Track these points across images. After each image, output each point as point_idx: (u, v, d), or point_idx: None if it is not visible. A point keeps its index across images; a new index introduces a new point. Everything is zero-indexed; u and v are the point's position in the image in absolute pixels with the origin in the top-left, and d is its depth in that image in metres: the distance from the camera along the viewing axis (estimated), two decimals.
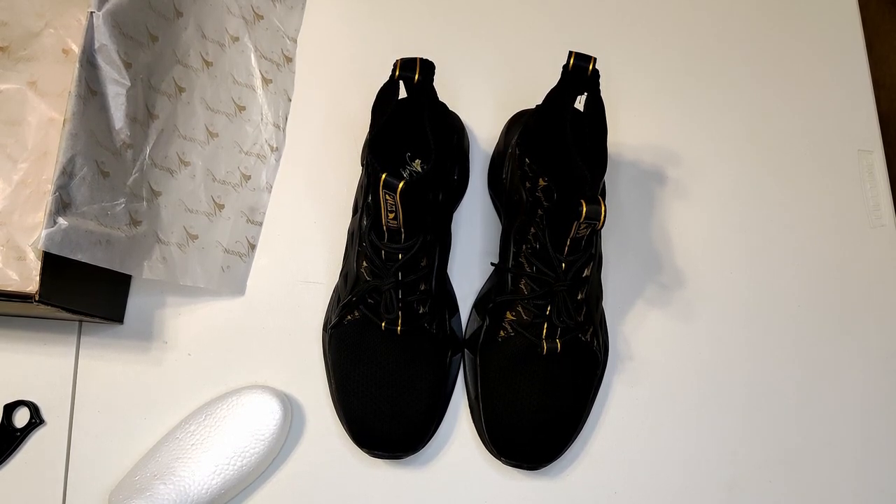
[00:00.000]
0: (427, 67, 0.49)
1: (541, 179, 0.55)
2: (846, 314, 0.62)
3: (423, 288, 0.53)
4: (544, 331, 0.52)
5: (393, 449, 0.53)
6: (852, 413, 0.59)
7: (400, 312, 0.52)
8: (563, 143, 0.49)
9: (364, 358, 0.53)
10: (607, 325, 0.59)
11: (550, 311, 0.52)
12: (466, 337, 0.58)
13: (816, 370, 0.60)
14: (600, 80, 0.49)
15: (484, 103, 0.65)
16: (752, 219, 0.64)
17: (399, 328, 0.53)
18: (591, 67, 0.47)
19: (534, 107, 0.55)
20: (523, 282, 0.53)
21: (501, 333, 0.54)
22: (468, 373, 0.57)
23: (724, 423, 0.58)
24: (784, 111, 0.67)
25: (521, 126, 0.57)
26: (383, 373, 0.53)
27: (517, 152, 0.56)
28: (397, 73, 0.49)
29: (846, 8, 0.71)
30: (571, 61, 0.47)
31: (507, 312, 0.54)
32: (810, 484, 0.57)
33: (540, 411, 0.53)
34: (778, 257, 0.63)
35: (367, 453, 0.54)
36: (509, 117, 0.62)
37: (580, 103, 0.52)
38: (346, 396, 0.54)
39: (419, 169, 0.59)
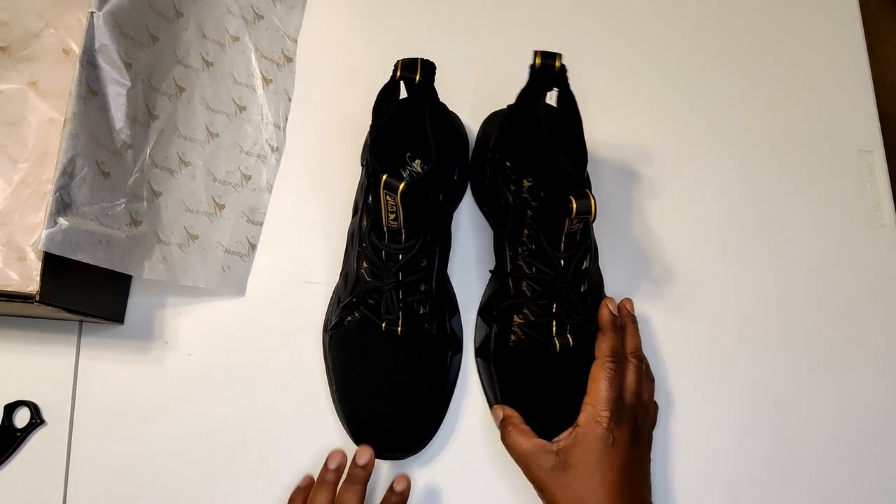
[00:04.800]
0: (428, 68, 0.49)
1: (525, 180, 0.54)
2: (846, 314, 0.62)
3: (423, 288, 0.53)
4: (554, 328, 0.52)
5: (393, 449, 0.53)
6: (852, 412, 0.59)
7: (400, 313, 0.52)
8: (540, 141, 0.48)
9: (364, 358, 0.53)
10: None
11: (557, 308, 0.52)
12: (477, 346, 0.58)
13: (816, 370, 0.60)
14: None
15: (484, 104, 0.65)
16: (752, 218, 0.64)
17: (399, 329, 0.52)
18: (557, 64, 0.48)
19: (505, 106, 0.54)
20: (525, 284, 0.53)
21: (512, 338, 0.54)
22: (485, 382, 0.56)
23: (723, 423, 0.58)
24: (784, 111, 0.67)
25: (496, 129, 0.57)
26: (383, 373, 0.53)
27: (496, 157, 0.56)
28: (398, 73, 0.49)
29: (846, 8, 0.71)
30: (538, 60, 0.48)
31: (514, 316, 0.54)
32: (810, 484, 0.57)
33: (568, 408, 0.51)
34: (778, 257, 0.63)
35: None
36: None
37: (553, 99, 0.52)
38: (346, 397, 0.54)
39: (419, 169, 0.59)
